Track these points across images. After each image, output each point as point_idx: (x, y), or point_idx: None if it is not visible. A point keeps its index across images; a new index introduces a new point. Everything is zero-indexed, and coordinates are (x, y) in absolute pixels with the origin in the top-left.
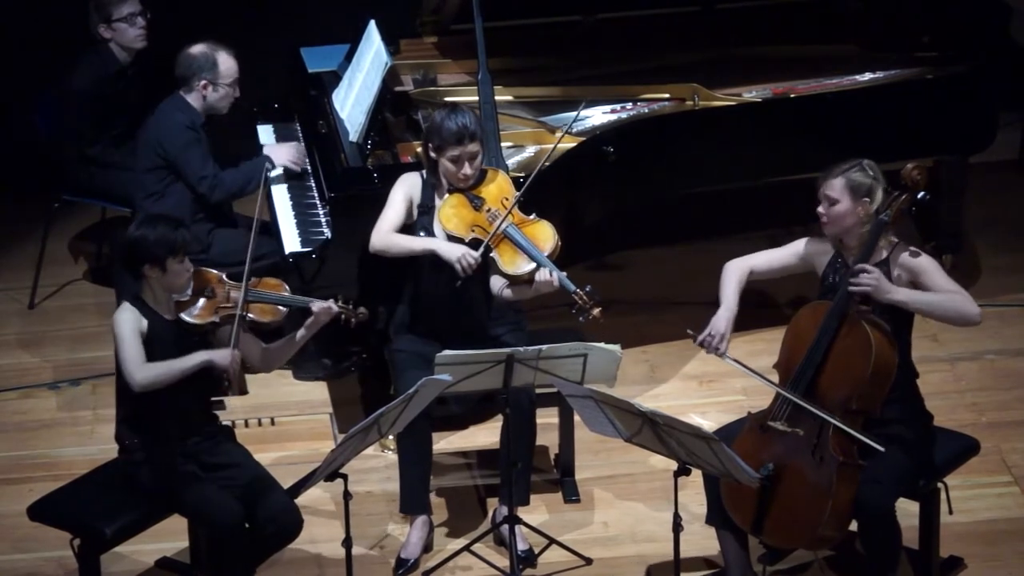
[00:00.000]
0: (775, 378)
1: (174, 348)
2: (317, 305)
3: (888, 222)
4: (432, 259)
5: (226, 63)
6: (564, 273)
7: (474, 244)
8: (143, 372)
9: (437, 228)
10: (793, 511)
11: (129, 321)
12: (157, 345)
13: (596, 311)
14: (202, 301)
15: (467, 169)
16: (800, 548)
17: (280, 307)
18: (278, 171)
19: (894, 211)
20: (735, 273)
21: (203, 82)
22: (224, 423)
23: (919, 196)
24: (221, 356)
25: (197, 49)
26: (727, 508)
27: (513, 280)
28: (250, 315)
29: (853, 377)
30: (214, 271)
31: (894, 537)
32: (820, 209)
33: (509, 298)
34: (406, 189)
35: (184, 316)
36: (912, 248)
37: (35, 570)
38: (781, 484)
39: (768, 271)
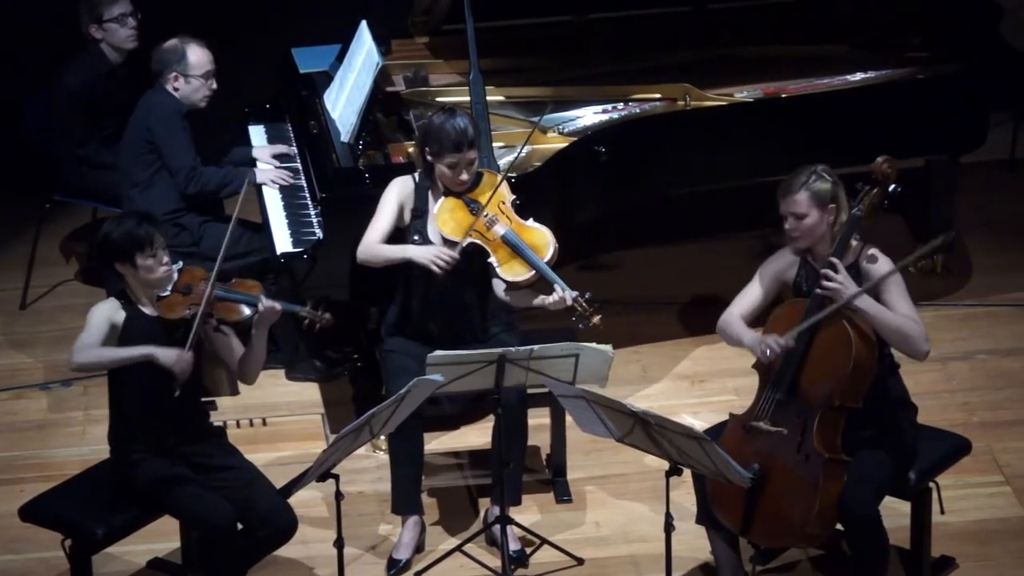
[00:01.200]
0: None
1: (149, 343)
2: (263, 303)
3: (861, 216)
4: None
5: (196, 54)
6: (564, 283)
7: (472, 249)
8: (81, 354)
9: (433, 231)
10: (780, 510)
11: (103, 312)
12: (132, 340)
13: (596, 319)
14: (178, 296)
15: (464, 175)
16: (789, 547)
17: (242, 306)
18: (261, 182)
19: (866, 206)
20: (733, 321)
21: (174, 74)
22: (216, 424)
23: (890, 189)
24: (166, 355)
25: (168, 43)
26: (714, 510)
27: (512, 286)
28: (218, 315)
29: (835, 373)
30: (201, 268)
31: (880, 540)
32: (788, 226)
33: (509, 302)
34: (398, 195)
35: (159, 310)
36: (881, 255)
37: (26, 571)
38: (767, 484)
39: (753, 309)
